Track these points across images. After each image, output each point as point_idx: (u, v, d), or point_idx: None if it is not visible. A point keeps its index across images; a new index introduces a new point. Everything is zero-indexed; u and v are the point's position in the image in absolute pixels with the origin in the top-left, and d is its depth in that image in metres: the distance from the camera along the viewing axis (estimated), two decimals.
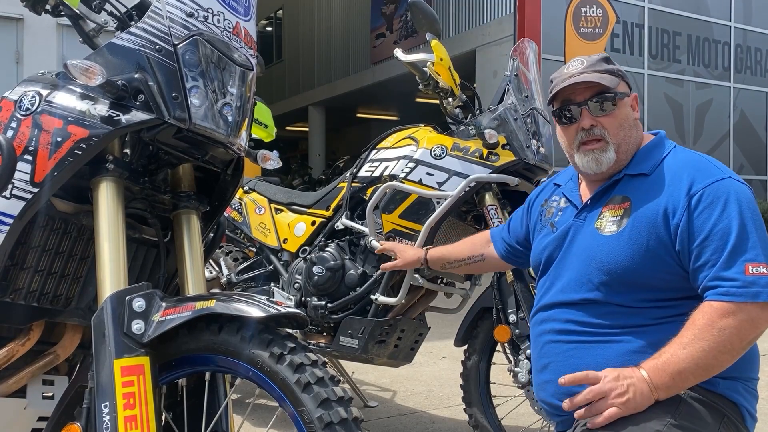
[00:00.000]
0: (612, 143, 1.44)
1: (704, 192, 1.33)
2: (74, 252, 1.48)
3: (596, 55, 1.52)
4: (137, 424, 1.17)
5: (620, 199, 1.42)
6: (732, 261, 1.27)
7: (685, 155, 1.44)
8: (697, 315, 1.27)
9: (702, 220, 1.31)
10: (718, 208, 1.31)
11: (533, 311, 1.56)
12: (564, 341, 1.42)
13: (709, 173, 1.36)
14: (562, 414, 1.42)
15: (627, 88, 1.49)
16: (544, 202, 1.65)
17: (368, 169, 2.53)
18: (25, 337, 1.46)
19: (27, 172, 1.29)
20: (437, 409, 3.15)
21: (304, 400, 1.17)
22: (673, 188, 1.36)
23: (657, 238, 1.34)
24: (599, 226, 1.42)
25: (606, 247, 1.39)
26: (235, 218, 2.89)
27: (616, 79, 1.46)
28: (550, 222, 1.57)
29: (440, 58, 2.36)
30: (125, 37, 1.34)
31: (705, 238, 1.30)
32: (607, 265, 1.37)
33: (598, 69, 1.46)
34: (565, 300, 1.44)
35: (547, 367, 1.45)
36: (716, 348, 1.24)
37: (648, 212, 1.36)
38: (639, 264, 1.34)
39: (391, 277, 2.40)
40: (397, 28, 13.00)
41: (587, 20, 7.61)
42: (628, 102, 1.48)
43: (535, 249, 1.60)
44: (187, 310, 1.22)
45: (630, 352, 1.34)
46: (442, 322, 2.95)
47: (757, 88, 11.93)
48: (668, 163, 1.42)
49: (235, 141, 1.41)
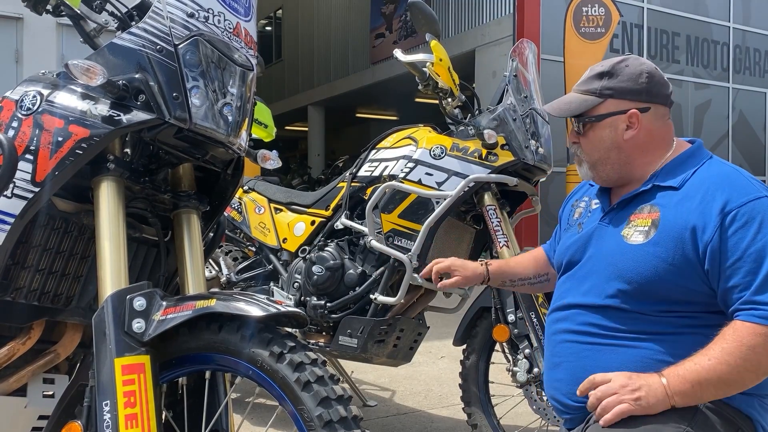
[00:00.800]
0: (585, 162, 1.47)
1: (739, 211, 1.28)
2: (75, 251, 1.48)
3: (599, 66, 1.47)
4: (138, 422, 1.18)
5: (649, 209, 1.39)
6: (766, 285, 1.24)
7: (719, 169, 1.39)
8: (727, 330, 1.25)
9: (735, 240, 1.27)
10: (753, 228, 1.26)
11: (550, 309, 1.54)
12: (579, 342, 1.41)
13: (744, 191, 1.31)
14: (572, 412, 1.41)
15: (620, 105, 1.42)
16: (575, 201, 1.63)
17: (368, 168, 2.53)
18: (25, 336, 1.46)
19: (28, 171, 1.30)
20: (436, 408, 3.15)
21: (303, 398, 1.17)
22: (705, 205, 1.31)
23: (683, 254, 1.31)
24: (626, 234, 1.39)
25: (630, 256, 1.36)
26: (235, 218, 2.90)
27: (595, 100, 1.42)
28: (578, 222, 1.55)
29: (440, 58, 2.37)
30: (126, 38, 1.34)
31: (737, 259, 1.26)
32: (628, 274, 1.35)
33: (581, 89, 1.46)
34: (584, 303, 1.43)
35: (560, 365, 1.44)
36: (742, 365, 1.22)
37: (677, 226, 1.32)
38: (661, 277, 1.32)
39: (391, 277, 2.40)
40: (396, 28, 13.01)
41: (588, 20, 7.58)
42: (611, 123, 1.42)
43: (560, 247, 1.58)
44: (187, 309, 1.23)
45: (645, 358, 1.32)
46: (441, 321, 2.96)
47: (755, 89, 11.94)
48: (701, 176, 1.37)
49: (235, 141, 1.42)
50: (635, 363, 1.32)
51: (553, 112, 1.51)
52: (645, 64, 1.46)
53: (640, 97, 1.43)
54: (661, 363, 1.30)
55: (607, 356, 1.36)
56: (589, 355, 1.39)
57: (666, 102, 1.47)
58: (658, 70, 1.47)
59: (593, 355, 1.38)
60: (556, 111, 1.50)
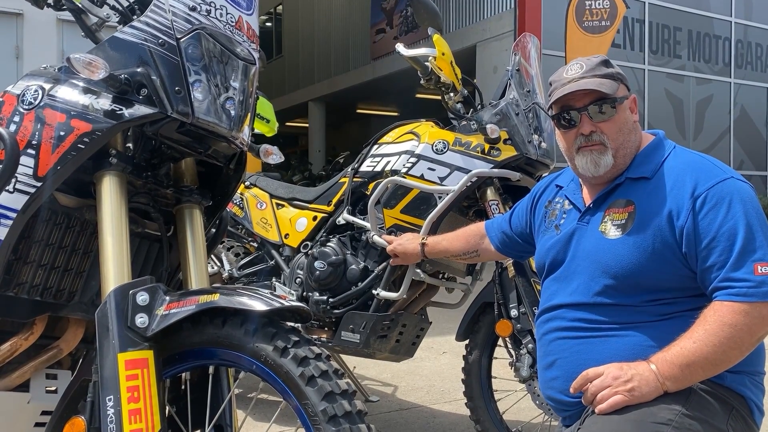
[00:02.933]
0: (611, 148, 1.44)
1: (708, 193, 1.33)
2: (77, 246, 1.48)
3: (595, 58, 1.50)
4: (141, 417, 1.18)
5: (624, 203, 1.43)
6: (741, 262, 1.28)
7: (686, 156, 1.44)
8: (708, 312, 1.29)
9: (707, 221, 1.32)
10: (723, 208, 1.32)
11: (539, 312, 1.57)
12: (570, 338, 1.44)
13: (711, 174, 1.36)
14: (569, 409, 1.43)
15: (626, 91, 1.48)
16: (547, 203, 1.66)
17: (370, 164, 2.52)
18: (28, 332, 1.46)
19: (30, 166, 1.29)
20: (438, 403, 3.15)
21: (308, 393, 1.17)
22: (677, 191, 1.37)
23: (662, 241, 1.35)
24: (604, 230, 1.43)
25: (612, 250, 1.39)
26: (237, 213, 2.89)
27: (615, 84, 1.45)
28: (555, 224, 1.58)
29: (442, 52, 2.36)
30: (128, 31, 1.34)
31: (712, 239, 1.31)
32: (613, 268, 1.39)
33: (597, 74, 1.45)
34: (572, 302, 1.45)
35: (554, 363, 1.46)
36: (726, 344, 1.26)
37: (652, 215, 1.37)
38: (645, 266, 1.36)
39: (393, 272, 2.40)
40: (397, 24, 12.98)
41: (592, 13, 7.53)
42: (626, 105, 1.47)
43: (540, 250, 1.61)
44: (190, 304, 1.22)
45: (635, 345, 1.36)
46: (443, 317, 2.96)
47: (757, 84, 11.92)
48: (670, 165, 1.42)
49: (237, 135, 1.41)
50: (626, 351, 1.35)
51: (594, 86, 1.42)
52: None
53: (629, 85, 1.51)
54: (650, 348, 1.33)
55: (598, 347, 1.39)
56: (581, 348, 1.41)
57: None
58: None
59: (585, 348, 1.41)
60: (595, 85, 1.42)
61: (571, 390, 1.37)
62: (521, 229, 1.79)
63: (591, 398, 1.31)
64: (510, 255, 1.94)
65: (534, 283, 2.21)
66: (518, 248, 1.84)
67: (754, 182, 11.86)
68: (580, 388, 1.35)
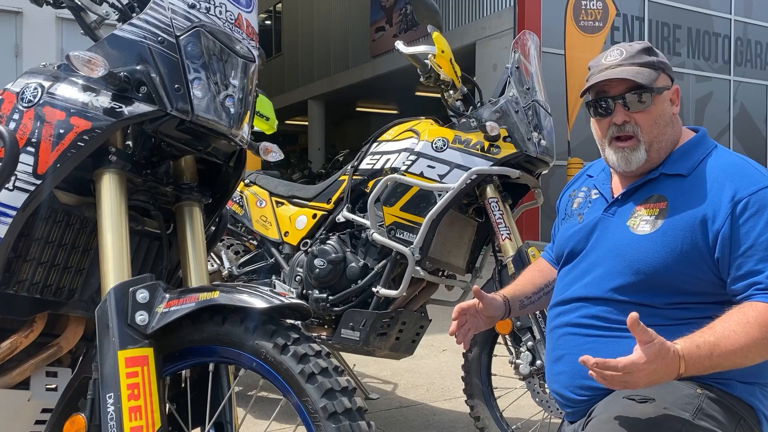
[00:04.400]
0: (644, 141, 1.39)
1: (750, 199, 1.28)
2: (77, 244, 1.48)
3: (638, 44, 1.44)
4: (142, 414, 1.18)
5: (656, 198, 1.38)
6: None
7: (727, 158, 1.38)
8: (747, 308, 1.23)
9: (747, 228, 1.26)
10: (765, 216, 1.26)
11: (551, 304, 1.52)
12: (581, 335, 1.40)
13: (754, 180, 1.31)
14: (573, 405, 1.41)
15: (668, 81, 1.42)
16: (572, 192, 1.61)
17: (369, 161, 2.52)
18: (28, 329, 1.46)
19: (30, 164, 1.29)
20: (438, 401, 3.15)
21: (308, 390, 1.17)
22: (714, 193, 1.31)
23: (692, 243, 1.30)
24: (632, 225, 1.38)
25: (638, 246, 1.35)
26: (237, 211, 2.89)
27: (655, 73, 1.39)
28: (578, 213, 1.53)
29: (441, 50, 2.36)
30: (127, 29, 1.34)
31: (750, 247, 1.26)
32: (637, 264, 1.34)
33: (636, 62, 1.40)
34: (587, 295, 1.41)
35: (562, 358, 1.43)
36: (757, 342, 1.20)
37: (685, 215, 1.32)
38: (670, 267, 1.31)
39: (393, 270, 2.40)
40: (396, 22, 12.97)
41: (587, 13, 7.58)
42: (666, 97, 1.41)
43: (560, 238, 1.56)
44: (190, 302, 1.22)
45: None
46: (443, 314, 2.95)
47: (757, 81, 11.91)
48: (710, 165, 1.36)
49: (237, 133, 1.41)
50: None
51: (628, 75, 1.37)
52: None
53: (673, 74, 1.44)
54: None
55: (608, 348, 1.34)
56: (591, 347, 1.37)
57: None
58: None
59: (595, 348, 1.36)
60: (629, 74, 1.38)
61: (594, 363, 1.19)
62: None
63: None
64: None
65: None
66: None
67: None
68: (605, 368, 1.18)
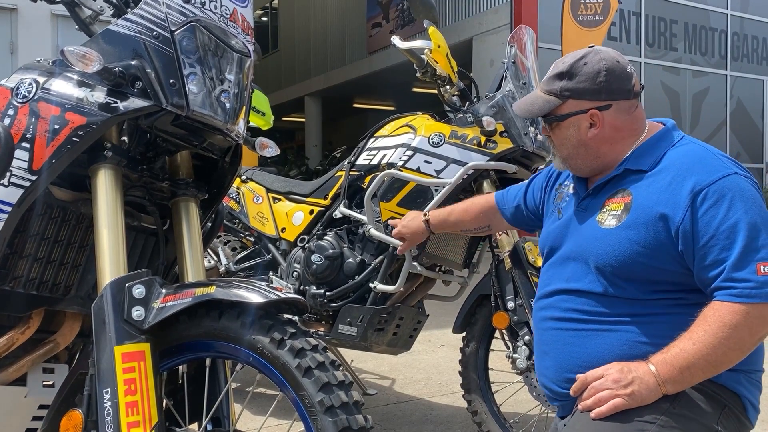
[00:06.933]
0: (557, 156, 1.51)
1: (709, 190, 1.28)
2: (73, 240, 1.48)
3: (559, 65, 1.46)
4: (138, 409, 1.18)
5: (622, 193, 1.40)
6: (743, 261, 1.23)
7: (688, 149, 1.39)
8: (708, 312, 1.25)
9: (707, 219, 1.27)
10: (724, 206, 1.26)
11: (536, 297, 1.55)
12: (563, 329, 1.42)
13: (714, 169, 1.31)
14: (562, 399, 1.43)
15: (580, 105, 1.42)
16: (558, 185, 1.65)
17: (366, 157, 2.52)
18: (24, 326, 1.46)
19: (25, 159, 1.29)
20: (436, 396, 3.16)
21: (305, 384, 1.17)
22: (675, 186, 1.32)
23: (655, 236, 1.31)
24: (600, 219, 1.41)
25: (604, 240, 1.37)
26: (233, 207, 2.89)
27: (556, 101, 1.43)
28: (558, 208, 1.57)
29: (438, 45, 2.36)
30: (122, 24, 1.33)
31: (711, 237, 1.26)
32: (603, 257, 1.37)
33: (544, 89, 1.47)
34: (567, 288, 1.44)
35: (548, 353, 1.46)
36: (726, 345, 1.22)
37: (648, 210, 1.33)
38: (635, 260, 1.33)
39: (390, 265, 2.40)
40: (393, 18, 12.94)
41: (587, 7, 7.56)
42: (573, 122, 1.43)
43: (543, 234, 1.60)
44: (187, 297, 1.22)
45: (627, 341, 1.33)
46: (440, 310, 2.96)
47: (753, 76, 11.92)
48: (671, 158, 1.38)
49: (233, 128, 1.41)
50: (618, 347, 1.33)
51: (518, 112, 1.54)
52: (604, 60, 1.41)
53: (599, 96, 1.41)
54: (644, 345, 1.31)
55: (590, 342, 1.37)
56: (573, 342, 1.40)
57: (628, 96, 1.43)
58: (620, 63, 1.43)
59: (577, 342, 1.39)
60: (520, 111, 1.52)
61: (572, 393, 1.35)
62: (535, 207, 1.77)
63: (588, 399, 1.29)
64: (523, 228, 1.93)
65: (530, 275, 2.21)
66: (532, 223, 1.83)
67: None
68: (578, 390, 1.32)
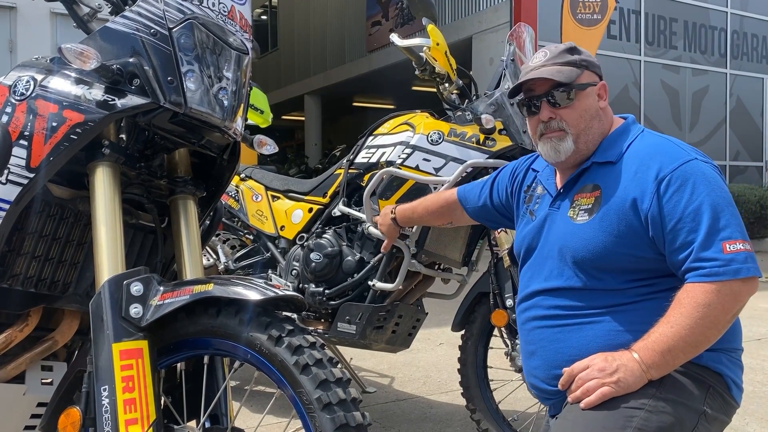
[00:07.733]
0: (571, 133, 1.47)
1: (672, 176, 1.34)
2: (71, 237, 1.48)
3: (563, 45, 1.52)
4: (136, 407, 1.18)
5: (591, 188, 1.45)
6: (709, 241, 1.29)
7: (650, 140, 1.45)
8: (681, 295, 1.30)
9: (672, 203, 1.32)
10: (688, 190, 1.32)
11: (518, 300, 1.58)
12: (548, 326, 1.45)
13: (675, 156, 1.37)
14: (552, 397, 1.45)
15: (593, 77, 1.49)
16: (526, 188, 1.68)
17: (365, 155, 2.52)
18: (23, 323, 1.46)
19: (23, 157, 1.29)
20: (435, 394, 3.16)
21: (302, 381, 1.17)
22: (641, 175, 1.37)
23: (627, 225, 1.36)
24: (572, 215, 1.45)
25: (579, 235, 1.41)
26: (232, 205, 2.89)
27: (577, 70, 1.47)
28: (530, 210, 1.61)
29: (437, 42, 2.36)
30: (119, 21, 1.33)
31: (677, 221, 1.31)
32: (581, 252, 1.40)
33: (558, 61, 1.48)
34: (547, 287, 1.47)
35: (535, 353, 1.48)
36: (702, 324, 1.27)
37: (618, 200, 1.38)
38: (611, 250, 1.37)
39: (389, 263, 2.40)
40: (392, 16, 12.94)
41: (585, 6, 7.58)
42: (591, 92, 1.48)
43: (517, 237, 1.64)
44: (185, 294, 1.22)
45: (609, 331, 1.37)
46: (439, 308, 2.96)
47: (753, 75, 11.92)
48: (635, 149, 1.43)
49: (231, 125, 1.41)
50: (601, 338, 1.37)
51: (547, 75, 1.46)
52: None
53: (599, 71, 1.53)
54: (626, 333, 1.35)
55: (574, 336, 1.40)
56: (558, 338, 1.43)
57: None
58: None
59: (562, 337, 1.42)
60: (549, 74, 1.46)
61: (560, 386, 1.37)
62: (502, 206, 1.79)
63: (577, 390, 1.32)
64: (485, 224, 1.99)
65: None
66: (495, 220, 1.87)
67: (749, 173, 11.88)
68: (566, 384, 1.36)
